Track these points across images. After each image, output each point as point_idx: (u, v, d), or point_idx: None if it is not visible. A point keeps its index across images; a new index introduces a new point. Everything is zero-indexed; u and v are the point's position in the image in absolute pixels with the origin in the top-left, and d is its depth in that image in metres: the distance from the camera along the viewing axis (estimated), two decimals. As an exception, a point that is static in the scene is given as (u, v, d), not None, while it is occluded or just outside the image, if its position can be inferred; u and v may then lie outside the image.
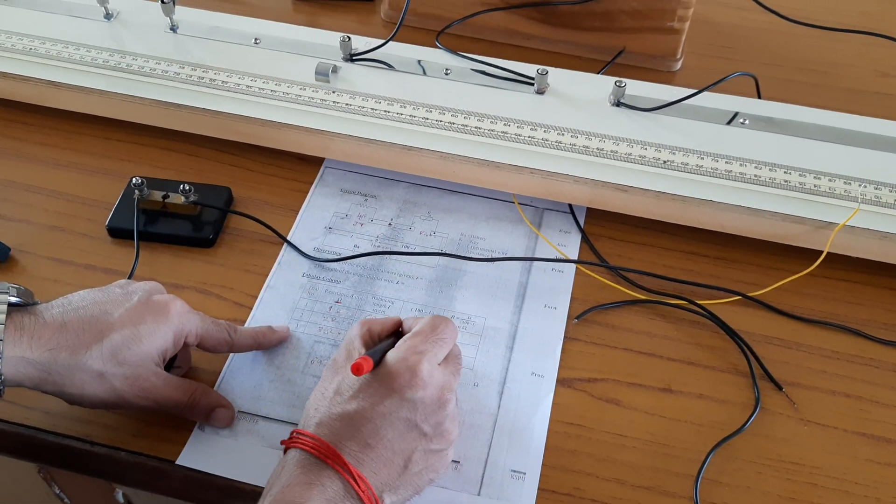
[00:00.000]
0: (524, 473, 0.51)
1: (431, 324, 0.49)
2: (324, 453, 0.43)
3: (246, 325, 0.58)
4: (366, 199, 0.67)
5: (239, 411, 0.53)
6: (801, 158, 0.63)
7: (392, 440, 0.44)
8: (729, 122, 0.66)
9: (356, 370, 0.44)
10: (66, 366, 0.46)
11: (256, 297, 0.60)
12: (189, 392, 0.51)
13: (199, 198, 0.64)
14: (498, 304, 0.60)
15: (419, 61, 0.71)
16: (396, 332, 0.52)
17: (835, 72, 0.79)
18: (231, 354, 0.56)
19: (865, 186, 0.61)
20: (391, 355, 0.47)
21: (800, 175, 0.62)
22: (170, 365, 0.53)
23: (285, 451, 0.46)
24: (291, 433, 0.46)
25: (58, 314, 0.47)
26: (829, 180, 0.61)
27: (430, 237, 0.64)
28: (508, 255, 0.63)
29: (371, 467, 0.44)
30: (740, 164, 0.62)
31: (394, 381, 0.45)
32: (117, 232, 0.63)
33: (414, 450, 0.45)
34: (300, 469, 0.43)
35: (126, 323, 0.48)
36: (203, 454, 0.51)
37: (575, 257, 0.63)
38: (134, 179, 0.63)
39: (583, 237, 0.64)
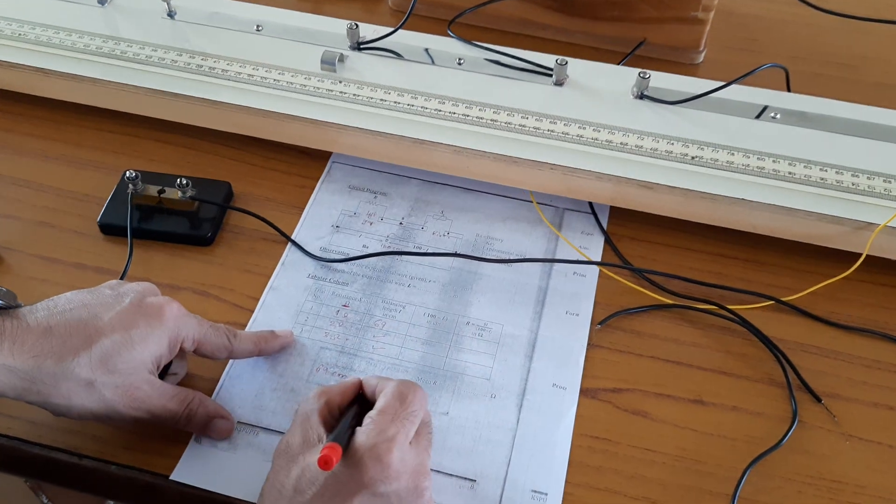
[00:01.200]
0: (546, 494, 0.47)
1: (398, 395, 0.42)
2: None
3: (247, 328, 0.55)
4: (375, 197, 0.63)
5: (238, 422, 0.50)
6: (837, 155, 0.59)
7: None
8: (758, 117, 0.63)
9: (324, 464, 0.37)
10: (51, 374, 0.42)
11: (258, 300, 0.56)
12: (185, 402, 0.47)
13: (196, 193, 0.60)
14: (516, 310, 0.56)
15: (430, 51, 0.67)
16: (358, 396, 0.45)
17: (865, 66, 0.75)
18: (231, 361, 0.52)
19: (907, 185, 0.57)
20: (358, 440, 0.40)
21: (836, 172, 0.58)
22: (164, 372, 0.49)
23: None
24: None
25: (43, 318, 0.44)
26: (868, 178, 0.58)
27: (443, 238, 0.61)
28: (527, 257, 0.59)
29: None
30: (773, 161, 0.59)
31: (363, 474, 0.39)
32: (110, 229, 0.60)
33: None
34: None
35: (117, 327, 0.44)
36: (199, 469, 0.48)
37: (598, 260, 0.59)
38: (128, 173, 0.59)
39: (605, 239, 0.61)
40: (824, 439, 0.50)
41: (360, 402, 0.45)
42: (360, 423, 0.42)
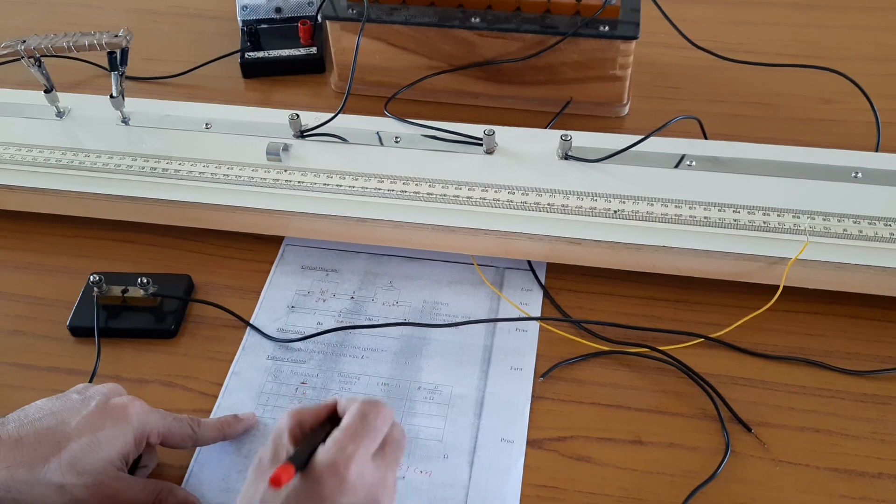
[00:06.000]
0: (498, 545, 0.50)
1: (361, 413, 0.45)
2: None
3: (212, 414, 0.58)
4: (327, 274, 0.67)
5: (208, 506, 0.53)
6: (749, 196, 0.64)
7: None
8: (676, 166, 0.67)
9: (274, 483, 0.40)
10: (24, 482, 0.46)
11: (222, 385, 0.60)
12: (155, 492, 0.50)
13: (158, 289, 0.64)
14: (464, 371, 0.60)
15: (368, 131, 0.72)
16: (332, 417, 0.47)
17: (779, 103, 0.80)
18: (198, 448, 0.56)
19: (814, 218, 0.62)
20: (318, 458, 0.43)
21: (749, 213, 0.62)
22: (135, 466, 0.53)
23: None
24: None
25: (13, 430, 0.47)
26: (778, 215, 0.62)
27: (393, 307, 0.64)
28: (471, 319, 0.63)
29: None
30: (689, 207, 0.63)
31: (321, 489, 0.41)
32: (79, 331, 0.63)
33: None
34: None
35: (84, 431, 0.48)
36: (174, 555, 0.51)
37: (537, 314, 0.63)
38: (92, 277, 0.63)
39: (544, 293, 0.65)
40: (756, 467, 0.54)
41: (332, 421, 0.46)
42: None
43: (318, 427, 0.46)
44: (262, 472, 0.44)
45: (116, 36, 0.68)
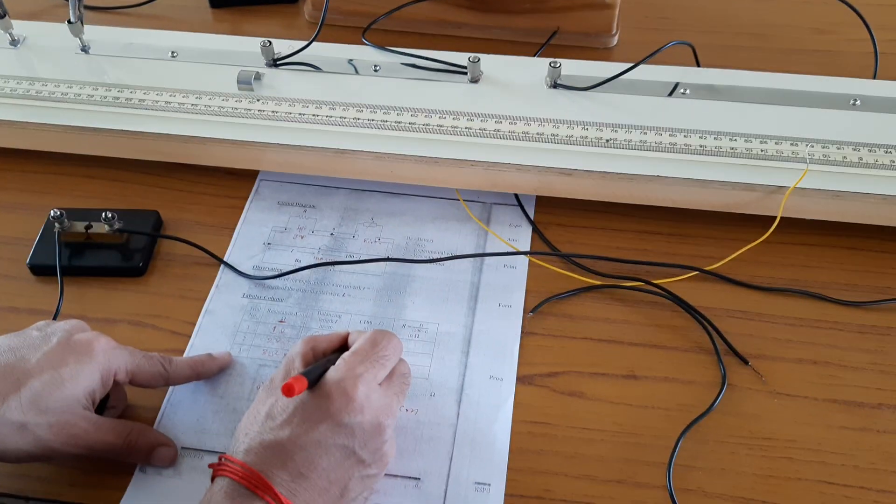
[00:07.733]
0: (489, 484, 0.48)
1: (372, 340, 0.46)
2: (253, 483, 0.40)
3: (185, 354, 0.55)
4: (305, 210, 0.64)
5: (182, 448, 0.50)
6: (746, 124, 0.61)
7: (327, 469, 0.42)
8: (670, 94, 0.64)
9: (287, 391, 0.41)
10: (-18, 422, 0.43)
11: (195, 325, 0.57)
12: (124, 434, 0.47)
13: (124, 225, 0.60)
14: (450, 308, 0.57)
15: (347, 60, 0.68)
16: (342, 347, 0.49)
17: (772, 33, 0.77)
18: (170, 388, 0.53)
19: (813, 146, 0.59)
20: (328, 376, 0.44)
21: (745, 141, 0.60)
22: (103, 406, 0.50)
23: (213, 478, 0.43)
24: (220, 458, 0.43)
25: (-32, 368, 0.44)
26: (776, 143, 0.60)
27: (374, 244, 0.61)
28: (457, 254, 0.60)
29: (305, 498, 0.41)
30: (684, 136, 0.60)
31: (329, 404, 0.43)
32: (40, 269, 0.60)
33: (350, 477, 0.43)
34: (227, 499, 0.40)
35: (45, 367, 0.45)
36: (147, 498, 0.48)
37: (527, 249, 0.61)
38: (52, 212, 0.59)
39: (533, 228, 0.62)
40: (753, 399, 0.52)
41: (343, 351, 0.47)
42: None
43: (330, 354, 0.47)
44: (272, 390, 0.45)
45: (72, -47, 0.63)
